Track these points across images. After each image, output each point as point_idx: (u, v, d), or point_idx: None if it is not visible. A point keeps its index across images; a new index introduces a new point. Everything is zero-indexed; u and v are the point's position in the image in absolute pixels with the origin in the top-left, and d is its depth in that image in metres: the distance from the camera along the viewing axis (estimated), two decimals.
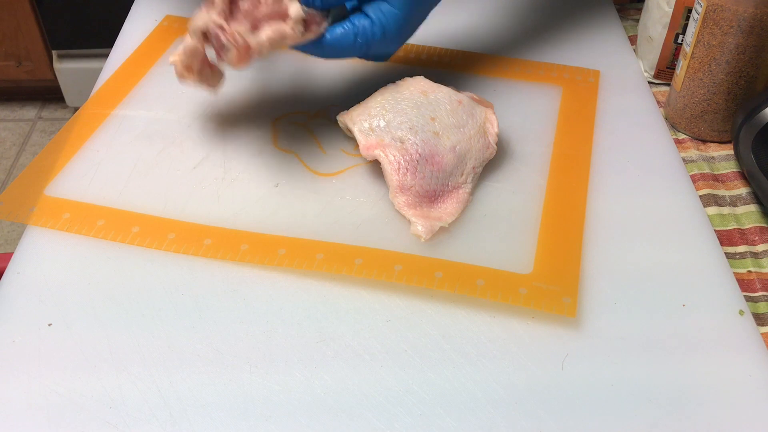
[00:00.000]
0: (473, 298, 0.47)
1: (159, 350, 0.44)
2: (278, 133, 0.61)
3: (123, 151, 0.59)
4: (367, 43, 0.55)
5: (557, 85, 0.66)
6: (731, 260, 0.52)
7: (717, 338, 0.45)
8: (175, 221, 0.52)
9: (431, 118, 0.54)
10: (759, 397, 0.42)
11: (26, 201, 0.54)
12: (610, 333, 0.45)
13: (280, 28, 0.50)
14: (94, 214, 0.53)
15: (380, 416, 0.41)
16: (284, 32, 0.50)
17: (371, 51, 0.56)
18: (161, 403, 0.41)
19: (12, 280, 0.48)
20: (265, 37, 0.50)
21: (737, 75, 0.58)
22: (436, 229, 0.51)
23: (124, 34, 0.74)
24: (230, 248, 0.50)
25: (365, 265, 0.49)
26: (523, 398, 0.42)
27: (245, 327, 0.45)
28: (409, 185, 0.52)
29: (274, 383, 0.42)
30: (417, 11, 0.57)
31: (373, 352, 0.44)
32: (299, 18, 0.50)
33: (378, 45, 0.55)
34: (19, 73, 1.89)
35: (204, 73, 0.55)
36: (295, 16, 0.50)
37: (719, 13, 0.56)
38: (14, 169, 1.83)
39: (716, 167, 0.60)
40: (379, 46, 0.56)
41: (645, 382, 0.43)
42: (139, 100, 0.64)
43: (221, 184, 0.56)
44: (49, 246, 0.51)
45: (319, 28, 0.52)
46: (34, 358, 0.43)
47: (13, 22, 1.78)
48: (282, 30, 0.50)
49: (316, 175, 0.57)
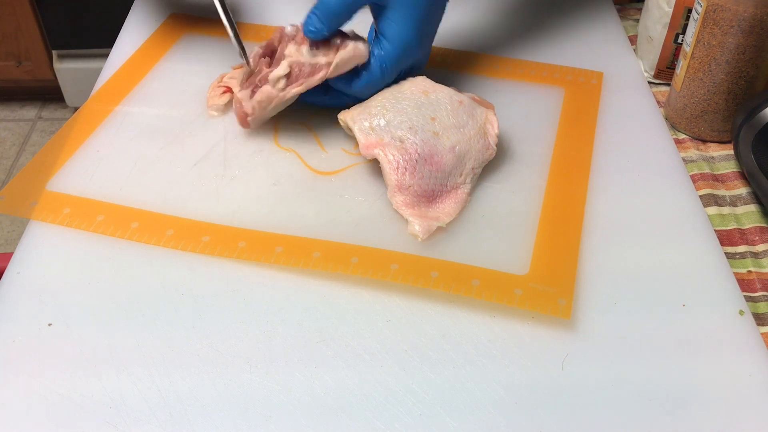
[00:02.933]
0: (474, 299, 0.47)
1: (159, 350, 0.44)
2: (279, 131, 0.61)
3: (124, 147, 0.59)
4: (392, 67, 0.57)
5: (559, 86, 0.66)
6: (731, 260, 0.52)
7: (717, 338, 0.45)
8: (175, 218, 0.52)
9: (431, 118, 0.54)
10: (759, 397, 0.42)
11: (28, 196, 0.54)
12: (611, 333, 0.45)
13: (264, 91, 0.57)
14: (94, 209, 0.53)
15: (380, 416, 0.41)
16: (268, 93, 0.56)
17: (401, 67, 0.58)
18: (161, 403, 0.41)
19: (12, 280, 0.48)
20: (255, 101, 0.57)
21: (737, 75, 0.58)
22: (434, 229, 0.51)
23: (124, 34, 0.74)
24: (228, 245, 0.50)
25: (361, 264, 0.49)
26: (523, 398, 0.42)
27: (245, 327, 0.45)
28: (407, 185, 0.52)
29: (274, 383, 0.42)
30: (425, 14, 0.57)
31: (373, 352, 0.44)
32: (276, 77, 0.56)
33: (403, 59, 0.57)
34: (19, 73, 1.89)
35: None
36: (271, 76, 0.56)
37: (719, 13, 0.56)
38: (14, 168, 1.83)
39: (716, 167, 0.60)
40: (403, 60, 0.58)
41: (645, 382, 0.43)
42: (142, 97, 0.64)
43: (221, 181, 0.56)
44: (49, 246, 0.51)
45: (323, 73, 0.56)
46: (34, 358, 0.43)
47: (13, 22, 1.78)
48: (266, 92, 0.56)
49: (316, 174, 0.57)
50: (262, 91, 0.56)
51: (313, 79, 0.56)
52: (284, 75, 0.56)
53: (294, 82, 0.56)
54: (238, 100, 0.58)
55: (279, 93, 0.56)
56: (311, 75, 0.56)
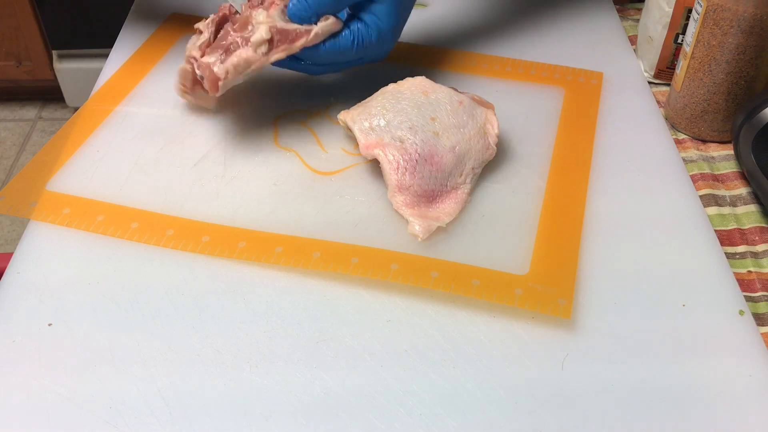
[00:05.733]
0: (474, 299, 0.47)
1: (159, 350, 0.44)
2: (279, 131, 0.61)
3: (124, 147, 0.59)
4: (364, 47, 0.58)
5: (559, 86, 0.66)
6: (731, 260, 0.52)
7: (717, 338, 0.45)
8: (174, 218, 0.52)
9: (431, 118, 0.54)
10: (759, 397, 0.42)
11: (28, 195, 0.54)
12: (611, 333, 0.45)
13: (242, 54, 0.54)
14: (94, 209, 0.53)
15: (380, 416, 0.41)
16: (247, 57, 0.54)
17: (367, 54, 0.59)
18: (161, 403, 0.41)
19: (12, 280, 0.48)
20: (230, 64, 0.54)
21: (737, 75, 0.58)
22: (433, 229, 0.51)
23: (124, 34, 0.74)
24: (228, 246, 0.50)
25: (361, 264, 0.49)
26: (523, 398, 0.42)
27: (245, 327, 0.45)
28: (407, 185, 0.52)
29: (274, 383, 0.42)
30: (404, 11, 0.60)
31: (373, 352, 0.44)
32: (259, 41, 0.54)
33: (374, 47, 0.59)
34: (19, 73, 1.89)
35: (197, 92, 0.60)
36: (254, 40, 0.54)
37: (719, 13, 0.56)
38: (14, 168, 1.83)
39: (716, 167, 0.60)
40: (374, 47, 0.59)
41: (645, 382, 0.43)
42: (142, 97, 0.64)
43: (221, 181, 0.56)
44: (49, 246, 0.51)
45: (304, 40, 0.56)
46: (34, 358, 0.43)
47: (13, 22, 1.78)
48: (245, 55, 0.54)
49: (316, 174, 0.57)
50: (239, 54, 0.54)
51: (293, 45, 0.56)
52: (267, 40, 0.54)
53: (275, 48, 0.55)
54: (206, 65, 0.55)
55: (261, 57, 0.55)
56: (292, 41, 0.56)
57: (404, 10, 0.61)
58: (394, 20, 0.59)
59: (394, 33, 0.60)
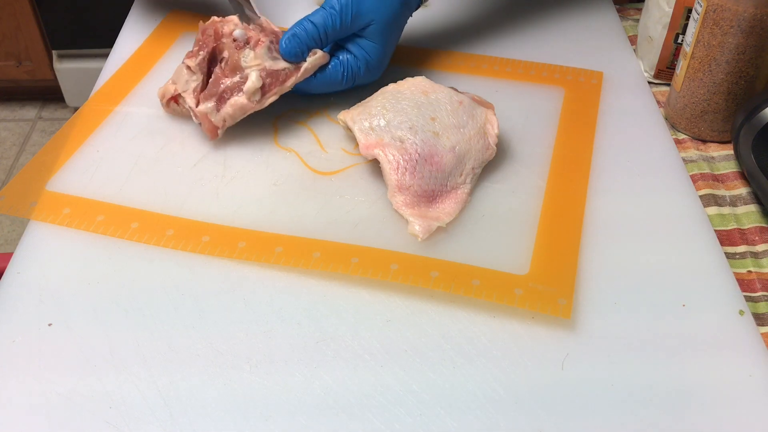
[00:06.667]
0: (474, 299, 0.47)
1: (159, 350, 0.44)
2: (279, 131, 0.61)
3: (124, 147, 0.59)
4: (353, 77, 0.61)
5: (559, 86, 0.66)
6: (731, 260, 0.52)
7: (717, 338, 0.45)
8: (174, 218, 0.52)
9: (431, 118, 0.54)
10: (759, 397, 0.42)
11: (27, 195, 0.54)
12: (610, 333, 0.45)
13: (237, 103, 0.56)
14: (94, 209, 0.53)
15: (380, 416, 0.41)
16: (242, 105, 0.56)
17: (357, 82, 0.62)
18: (161, 403, 0.41)
19: (12, 280, 0.48)
20: (226, 114, 0.57)
21: (737, 75, 0.58)
22: (433, 229, 0.51)
23: (124, 34, 0.74)
24: (228, 245, 0.50)
25: (361, 264, 0.49)
26: (523, 398, 0.42)
27: (245, 327, 0.45)
28: (407, 185, 0.52)
29: (274, 383, 0.42)
30: (392, 41, 0.62)
31: (373, 352, 0.44)
32: (252, 90, 0.56)
33: (362, 77, 0.61)
34: (19, 73, 1.89)
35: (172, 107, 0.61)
36: (247, 89, 0.56)
37: (719, 13, 0.56)
38: (14, 168, 1.83)
39: (716, 167, 0.60)
40: (363, 77, 0.62)
41: (645, 382, 0.43)
42: (142, 96, 0.64)
43: (221, 181, 0.56)
44: (49, 246, 0.51)
45: (294, 78, 0.58)
46: (34, 358, 0.43)
47: (13, 22, 1.78)
48: (239, 104, 0.56)
49: (316, 174, 0.57)
50: (234, 103, 0.56)
51: (285, 86, 0.58)
52: (259, 87, 0.56)
53: (268, 92, 0.57)
54: (203, 115, 0.57)
55: (255, 105, 0.57)
56: (283, 82, 0.57)
57: (392, 43, 0.63)
58: (382, 53, 0.61)
59: (383, 63, 0.62)
